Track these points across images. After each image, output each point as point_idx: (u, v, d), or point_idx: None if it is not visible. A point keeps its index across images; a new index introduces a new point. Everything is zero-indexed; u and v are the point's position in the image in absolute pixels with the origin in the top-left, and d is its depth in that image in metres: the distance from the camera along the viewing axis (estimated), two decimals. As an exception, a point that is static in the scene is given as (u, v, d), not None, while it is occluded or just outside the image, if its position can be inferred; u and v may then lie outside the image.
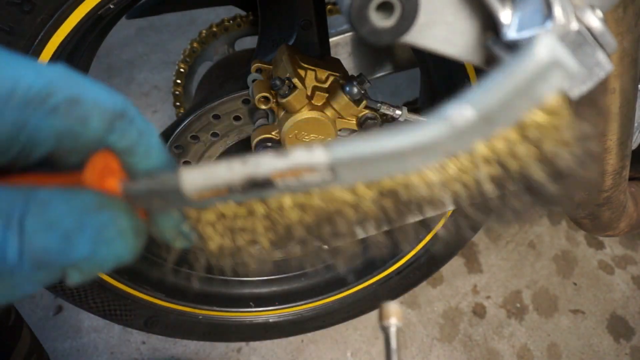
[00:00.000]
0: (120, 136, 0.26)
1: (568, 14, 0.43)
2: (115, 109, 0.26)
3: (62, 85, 0.24)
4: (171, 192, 0.25)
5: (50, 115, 0.24)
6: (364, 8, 0.41)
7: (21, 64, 0.24)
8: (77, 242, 0.23)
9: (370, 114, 0.70)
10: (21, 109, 0.23)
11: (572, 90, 0.31)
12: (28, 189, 0.23)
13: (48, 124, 0.24)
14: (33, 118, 0.23)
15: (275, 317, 1.11)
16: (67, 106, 0.24)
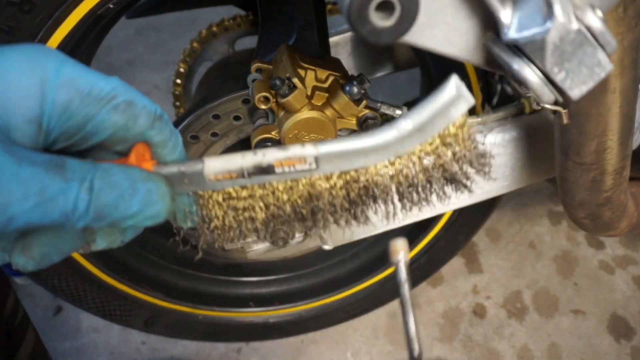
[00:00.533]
0: (157, 132, 0.35)
1: (568, 13, 0.43)
2: (157, 112, 0.35)
3: (122, 91, 0.33)
4: (194, 174, 0.35)
5: (113, 112, 0.33)
6: (364, 8, 0.41)
7: (94, 73, 0.32)
8: (130, 201, 0.32)
9: (370, 114, 0.70)
10: (93, 105, 0.32)
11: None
12: (94, 160, 0.32)
13: (110, 118, 0.33)
14: (100, 113, 0.32)
15: (275, 317, 1.11)
16: (125, 106, 0.33)
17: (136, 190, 0.32)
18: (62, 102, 0.31)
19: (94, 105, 0.32)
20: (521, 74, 0.46)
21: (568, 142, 0.64)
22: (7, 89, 0.30)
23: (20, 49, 0.32)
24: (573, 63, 0.45)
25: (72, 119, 0.32)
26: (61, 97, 0.31)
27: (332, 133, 0.69)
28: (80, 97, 0.32)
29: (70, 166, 0.30)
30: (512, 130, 0.74)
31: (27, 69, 0.30)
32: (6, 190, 0.27)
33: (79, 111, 0.32)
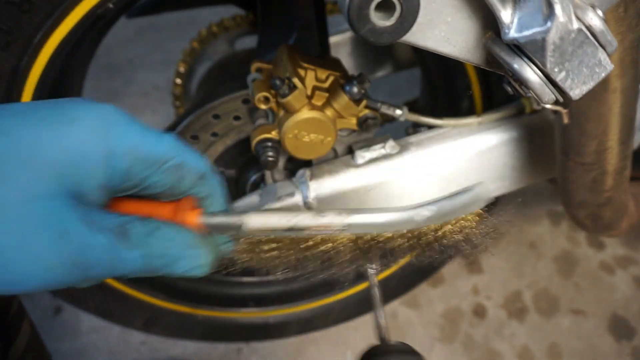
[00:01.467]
0: (200, 189, 0.40)
1: (569, 13, 0.43)
2: (202, 171, 0.40)
3: (174, 153, 0.37)
4: (235, 227, 0.41)
5: (165, 173, 0.37)
6: (364, 8, 0.41)
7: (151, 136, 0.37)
8: (177, 264, 0.38)
9: (370, 114, 0.70)
10: (149, 169, 0.36)
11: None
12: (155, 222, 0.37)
13: (162, 179, 0.37)
14: (155, 174, 0.37)
15: (275, 317, 1.11)
16: (175, 169, 0.38)
17: (183, 257, 0.38)
18: (124, 169, 0.35)
19: (149, 169, 0.36)
20: (522, 74, 0.46)
21: (568, 142, 0.64)
22: (78, 159, 0.33)
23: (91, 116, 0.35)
24: (573, 63, 0.44)
25: (131, 180, 0.36)
26: (124, 165, 0.35)
27: (332, 133, 0.69)
28: (140, 163, 0.36)
29: (133, 233, 0.36)
30: (512, 130, 0.74)
31: (96, 138, 0.34)
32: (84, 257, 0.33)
33: (137, 174, 0.36)
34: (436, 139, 0.74)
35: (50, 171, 0.33)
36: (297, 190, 0.72)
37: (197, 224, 0.39)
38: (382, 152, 0.73)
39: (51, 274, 0.33)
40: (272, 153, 0.69)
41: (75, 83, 0.81)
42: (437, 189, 0.75)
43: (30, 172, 0.32)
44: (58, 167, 0.33)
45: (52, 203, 0.33)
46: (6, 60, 0.61)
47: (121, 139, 0.35)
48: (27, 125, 0.33)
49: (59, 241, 0.32)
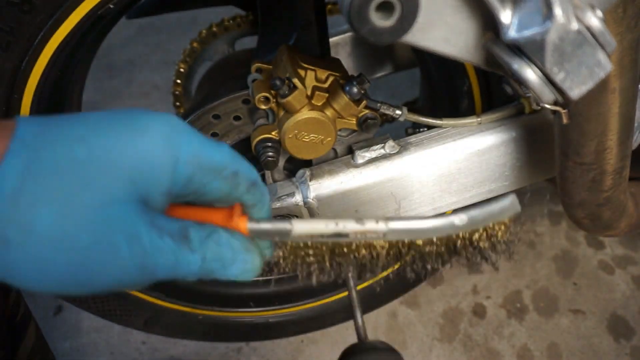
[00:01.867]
0: (251, 196, 0.42)
1: (568, 13, 0.43)
2: (253, 180, 0.42)
3: (230, 162, 0.40)
4: (282, 232, 0.42)
5: (221, 181, 0.40)
6: (364, 8, 0.41)
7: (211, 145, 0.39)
8: (230, 268, 0.40)
9: (370, 114, 0.70)
10: (208, 176, 0.39)
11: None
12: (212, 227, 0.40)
13: (219, 186, 0.40)
14: (213, 182, 0.39)
15: (275, 317, 1.11)
16: (231, 177, 0.40)
17: (236, 260, 0.40)
18: (188, 176, 0.38)
19: (209, 176, 0.39)
20: (521, 74, 0.46)
21: (568, 142, 0.64)
22: (148, 166, 0.36)
23: (159, 125, 0.37)
24: (573, 63, 0.45)
25: (191, 186, 0.39)
26: (188, 172, 0.38)
27: (332, 133, 0.69)
28: (201, 170, 0.38)
29: (193, 237, 0.38)
30: (512, 130, 0.74)
31: (164, 147, 0.36)
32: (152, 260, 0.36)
33: (198, 181, 0.38)
34: (436, 139, 0.74)
35: (124, 177, 0.35)
36: (297, 190, 0.72)
37: (246, 229, 0.42)
38: (381, 152, 0.73)
39: (122, 274, 0.35)
40: (272, 153, 0.69)
41: (76, 83, 0.81)
42: (437, 189, 0.75)
43: (107, 178, 0.34)
44: (131, 173, 0.35)
45: (123, 208, 0.35)
46: (7, 61, 0.61)
47: (185, 147, 0.37)
48: (102, 134, 0.35)
49: (128, 245, 0.35)
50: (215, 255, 0.39)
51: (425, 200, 0.76)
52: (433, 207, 0.77)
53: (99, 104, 1.80)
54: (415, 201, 0.76)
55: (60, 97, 0.76)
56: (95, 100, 1.80)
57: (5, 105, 0.65)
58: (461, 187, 0.76)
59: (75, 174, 0.34)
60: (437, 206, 0.77)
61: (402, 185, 0.74)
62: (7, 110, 0.66)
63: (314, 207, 0.72)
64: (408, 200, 0.75)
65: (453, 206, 0.79)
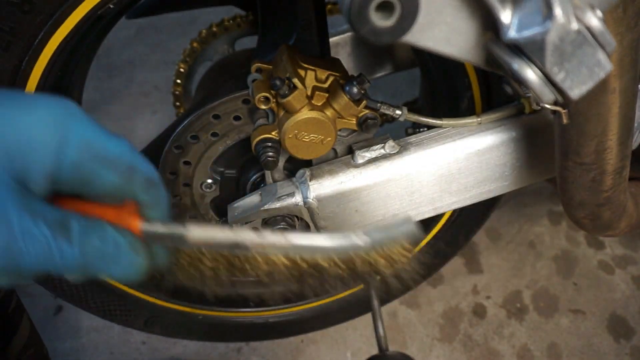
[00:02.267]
0: (148, 196, 0.40)
1: (568, 14, 0.43)
2: (151, 178, 0.40)
3: (127, 156, 0.38)
4: (176, 237, 0.40)
5: (114, 173, 0.38)
6: (364, 8, 0.41)
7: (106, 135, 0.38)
8: (112, 267, 0.37)
9: (370, 114, 0.70)
10: (100, 166, 0.37)
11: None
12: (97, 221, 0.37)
13: (111, 178, 0.38)
14: (104, 173, 0.37)
15: (275, 317, 1.11)
16: (125, 170, 0.38)
17: (120, 260, 0.38)
18: (76, 161, 0.35)
19: (100, 166, 0.37)
20: (521, 74, 0.46)
21: (568, 142, 0.64)
22: (29, 143, 0.33)
23: (49, 106, 0.35)
24: (573, 63, 0.45)
25: (80, 176, 0.36)
26: (76, 157, 0.35)
27: (332, 133, 0.69)
28: (92, 158, 0.36)
29: (74, 228, 0.35)
30: (512, 130, 0.74)
31: (51, 127, 0.34)
32: (19, 245, 0.33)
33: (88, 169, 0.36)
34: (436, 139, 0.74)
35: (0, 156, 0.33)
36: (297, 190, 0.72)
37: (138, 229, 0.39)
38: (381, 152, 0.73)
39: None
40: (272, 153, 0.69)
41: (76, 83, 0.81)
42: (437, 189, 0.75)
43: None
44: (7, 148, 0.33)
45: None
46: (7, 61, 0.61)
47: (76, 131, 0.36)
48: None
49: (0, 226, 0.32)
50: (97, 250, 0.36)
51: (425, 201, 0.76)
52: (433, 207, 0.77)
53: (99, 104, 1.80)
54: (415, 201, 0.76)
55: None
56: (95, 100, 1.80)
57: (5, 105, 0.65)
58: (461, 187, 0.76)
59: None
60: (437, 206, 0.77)
61: (402, 186, 0.74)
62: (7, 110, 0.65)
63: (314, 207, 0.72)
64: (408, 201, 0.75)
65: (453, 206, 0.79)
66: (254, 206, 0.73)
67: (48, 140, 0.34)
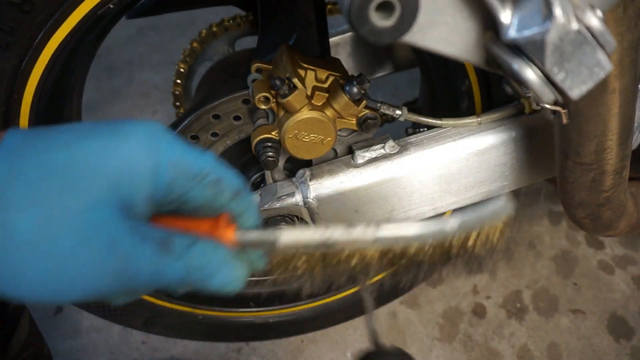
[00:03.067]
0: (236, 205, 0.42)
1: (568, 13, 0.43)
2: (238, 188, 0.42)
3: (212, 169, 0.40)
4: (269, 243, 0.42)
5: (204, 187, 0.39)
6: (364, 8, 0.41)
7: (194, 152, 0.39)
8: (214, 279, 0.39)
9: (370, 114, 0.70)
10: (191, 182, 0.39)
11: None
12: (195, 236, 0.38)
13: (202, 192, 0.40)
14: (195, 188, 0.39)
15: (275, 317, 1.11)
16: (214, 184, 0.40)
17: (220, 271, 0.39)
18: (169, 181, 0.38)
19: (191, 182, 0.39)
20: (521, 74, 0.46)
21: (568, 142, 0.64)
22: (131, 171, 0.36)
23: (140, 131, 0.37)
24: (573, 63, 0.45)
25: (174, 192, 0.39)
26: (169, 177, 0.38)
27: (332, 133, 0.69)
28: (182, 176, 0.38)
29: (175, 245, 0.37)
30: (512, 130, 0.74)
31: (145, 152, 0.37)
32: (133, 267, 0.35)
33: (180, 187, 0.39)
34: (436, 139, 0.74)
35: (105, 181, 0.35)
36: (297, 190, 0.72)
37: (233, 239, 0.41)
38: (381, 152, 0.73)
39: (99, 281, 0.35)
40: (272, 153, 0.69)
41: (76, 83, 0.81)
42: (437, 189, 0.75)
43: (87, 182, 0.35)
44: (111, 178, 0.35)
45: (104, 213, 0.35)
46: (7, 61, 0.61)
47: (166, 153, 0.38)
48: (84, 140, 0.36)
49: (108, 249, 0.34)
50: (198, 264, 0.38)
51: (425, 201, 0.76)
52: (433, 207, 0.77)
53: (99, 104, 1.80)
54: (415, 201, 0.76)
55: (60, 97, 0.76)
56: (95, 100, 1.80)
57: (5, 105, 0.65)
58: (461, 187, 0.76)
59: (57, 179, 0.34)
60: (437, 206, 0.77)
61: (402, 186, 0.74)
62: (7, 110, 0.66)
63: (314, 207, 0.72)
64: (408, 201, 0.75)
65: (453, 206, 0.79)
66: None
67: (144, 165, 0.37)
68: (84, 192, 0.34)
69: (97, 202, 0.34)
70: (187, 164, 0.39)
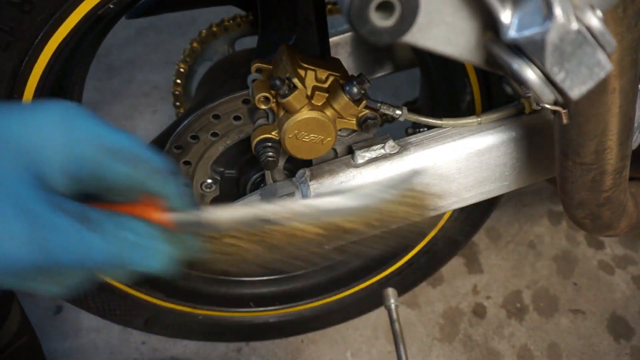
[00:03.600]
0: (162, 186, 0.41)
1: (568, 13, 0.43)
2: (157, 165, 0.41)
3: (129, 145, 0.40)
4: (198, 222, 0.41)
5: (122, 164, 0.39)
6: (364, 8, 0.41)
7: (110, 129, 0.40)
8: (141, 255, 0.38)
9: (370, 114, 0.70)
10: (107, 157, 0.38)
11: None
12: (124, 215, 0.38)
13: (120, 169, 0.39)
14: (113, 165, 0.39)
15: (275, 317, 1.11)
16: (134, 161, 0.39)
17: (147, 247, 0.38)
18: (83, 154, 0.38)
19: (108, 157, 0.39)
20: (521, 74, 0.46)
21: (568, 142, 0.64)
22: (43, 143, 0.36)
23: (54, 107, 0.38)
24: (573, 63, 0.45)
25: (92, 171, 0.38)
26: (83, 150, 0.38)
27: (332, 133, 0.69)
28: (99, 151, 0.38)
29: (95, 218, 0.37)
30: (512, 130, 0.74)
31: (57, 125, 0.37)
32: (51, 238, 0.34)
33: (95, 161, 0.38)
34: (436, 139, 0.74)
35: (15, 152, 0.36)
36: (297, 190, 0.72)
37: (160, 219, 0.40)
38: (382, 152, 0.73)
39: (18, 253, 0.34)
40: (272, 153, 0.69)
41: (76, 83, 0.81)
42: (437, 189, 0.75)
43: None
44: (22, 148, 0.36)
45: (18, 182, 0.35)
46: (7, 61, 0.61)
47: (82, 126, 0.39)
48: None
49: (23, 217, 0.34)
50: (126, 241, 0.37)
51: (425, 200, 0.76)
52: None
53: (99, 104, 1.80)
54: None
55: (60, 97, 0.76)
56: (95, 100, 1.80)
57: (5, 105, 0.65)
58: (461, 187, 0.76)
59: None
60: (436, 206, 0.77)
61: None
62: (7, 110, 0.65)
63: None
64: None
65: (453, 206, 0.79)
66: (254, 206, 0.73)
67: (57, 136, 0.37)
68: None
69: (8, 173, 0.35)
70: (102, 138, 0.39)
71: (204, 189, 0.84)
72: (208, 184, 0.84)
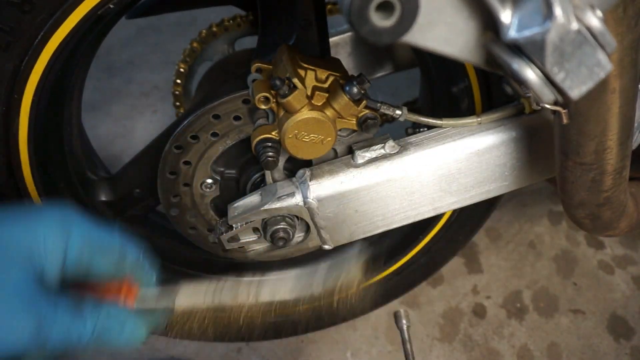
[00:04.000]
0: (138, 271, 0.53)
1: (568, 14, 0.43)
2: (138, 257, 0.53)
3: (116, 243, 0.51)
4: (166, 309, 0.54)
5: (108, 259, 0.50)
6: (364, 8, 0.41)
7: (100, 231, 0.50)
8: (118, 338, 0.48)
9: (370, 114, 0.70)
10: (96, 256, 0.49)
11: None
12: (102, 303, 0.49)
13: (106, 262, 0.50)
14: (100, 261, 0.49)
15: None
16: (117, 257, 0.50)
17: (123, 331, 0.49)
18: (78, 255, 0.47)
19: (97, 256, 0.49)
20: (521, 74, 0.46)
21: (568, 142, 0.64)
22: (46, 249, 0.45)
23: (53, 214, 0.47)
24: (573, 63, 0.45)
25: (82, 263, 0.48)
26: (78, 252, 0.47)
27: (332, 133, 0.69)
28: (90, 250, 0.48)
29: (86, 310, 0.46)
30: (512, 130, 0.74)
31: (58, 233, 0.46)
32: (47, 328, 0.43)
33: (88, 259, 0.48)
34: (436, 139, 0.74)
35: (21, 259, 0.44)
36: (297, 190, 0.72)
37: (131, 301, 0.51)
38: (382, 152, 0.73)
39: (16, 339, 0.42)
40: (272, 153, 0.69)
41: (76, 83, 0.81)
42: (437, 189, 0.75)
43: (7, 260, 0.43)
44: (27, 254, 0.44)
45: (24, 286, 0.43)
46: (7, 61, 0.61)
47: (76, 232, 0.47)
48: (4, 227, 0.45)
49: (31, 316, 0.42)
50: (105, 326, 0.47)
51: (425, 201, 0.76)
52: (433, 207, 0.77)
53: (99, 104, 1.80)
54: (415, 201, 0.76)
55: (60, 97, 0.76)
56: (95, 100, 1.80)
57: (5, 105, 0.65)
58: (461, 187, 0.76)
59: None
60: (436, 206, 0.77)
61: (402, 186, 0.74)
62: (7, 110, 0.66)
63: (314, 207, 0.72)
64: (408, 201, 0.75)
65: (453, 206, 0.79)
66: (254, 206, 0.73)
67: (57, 244, 0.46)
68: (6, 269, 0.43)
69: (17, 276, 0.43)
70: (94, 240, 0.48)
71: (204, 189, 0.84)
72: (208, 184, 0.83)
